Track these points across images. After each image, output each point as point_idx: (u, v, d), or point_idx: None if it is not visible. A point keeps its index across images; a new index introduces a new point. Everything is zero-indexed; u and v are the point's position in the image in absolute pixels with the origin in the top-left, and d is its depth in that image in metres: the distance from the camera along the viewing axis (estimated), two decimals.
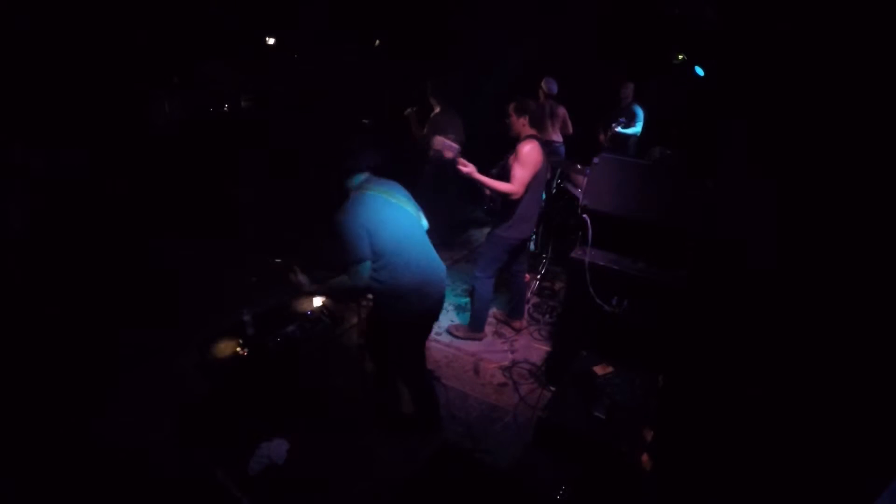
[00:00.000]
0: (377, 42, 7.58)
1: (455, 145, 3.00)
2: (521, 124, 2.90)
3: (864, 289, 1.89)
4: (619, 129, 5.02)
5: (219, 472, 2.40)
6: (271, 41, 6.82)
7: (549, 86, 4.94)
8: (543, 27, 6.26)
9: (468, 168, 2.87)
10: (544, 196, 3.66)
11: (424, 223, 2.44)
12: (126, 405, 2.81)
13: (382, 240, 2.10)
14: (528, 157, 2.80)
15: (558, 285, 4.23)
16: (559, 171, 4.31)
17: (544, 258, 4.29)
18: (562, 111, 5.06)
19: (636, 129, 5.23)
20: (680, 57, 6.38)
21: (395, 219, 2.18)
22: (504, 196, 2.90)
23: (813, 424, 1.97)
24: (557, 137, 5.05)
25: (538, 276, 4.19)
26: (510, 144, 2.95)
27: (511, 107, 2.91)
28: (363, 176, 2.23)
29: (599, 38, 6.24)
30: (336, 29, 6.85)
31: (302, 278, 2.23)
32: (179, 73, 5.84)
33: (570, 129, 5.15)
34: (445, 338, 3.55)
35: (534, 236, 3.51)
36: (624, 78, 5.39)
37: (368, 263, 2.09)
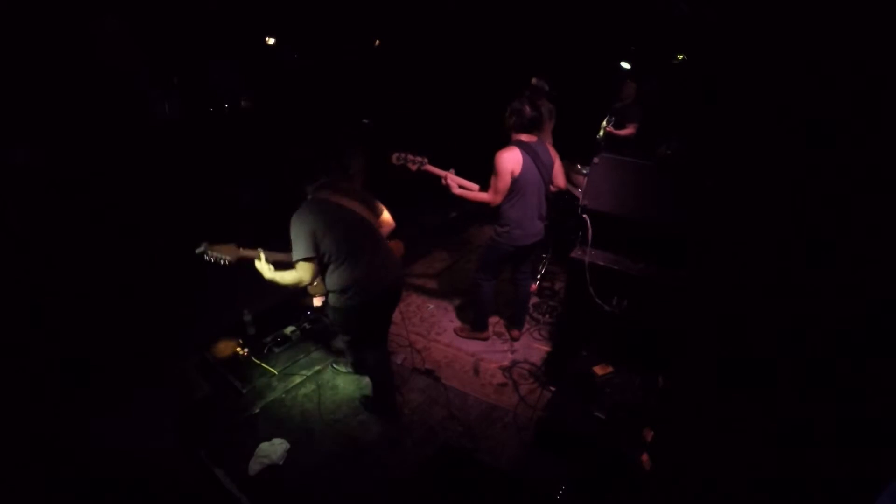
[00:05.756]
0: (377, 42, 7.58)
1: (418, 158, 2.98)
2: (510, 128, 2.85)
3: (864, 289, 1.89)
4: (610, 128, 4.99)
5: (219, 473, 2.40)
6: (271, 41, 6.82)
7: (539, 84, 4.85)
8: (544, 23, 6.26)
9: (447, 182, 2.98)
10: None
11: (387, 219, 2.53)
12: (126, 405, 2.81)
13: (328, 243, 2.19)
14: (500, 165, 2.76)
15: (558, 285, 4.23)
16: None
17: (544, 258, 4.30)
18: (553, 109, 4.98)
19: (632, 129, 5.19)
20: (680, 57, 6.38)
21: (342, 222, 2.25)
22: (485, 205, 2.91)
23: (813, 424, 1.97)
24: (550, 139, 5.00)
25: (538, 277, 4.19)
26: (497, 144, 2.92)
27: (507, 108, 2.85)
28: (322, 180, 2.32)
29: (600, 38, 6.25)
30: (336, 29, 6.85)
31: (264, 257, 2.30)
32: (179, 73, 5.84)
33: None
34: (445, 338, 3.55)
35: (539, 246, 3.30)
36: (625, 78, 5.37)
37: (312, 264, 2.19)
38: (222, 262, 2.24)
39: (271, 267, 2.26)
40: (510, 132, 2.85)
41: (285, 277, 2.23)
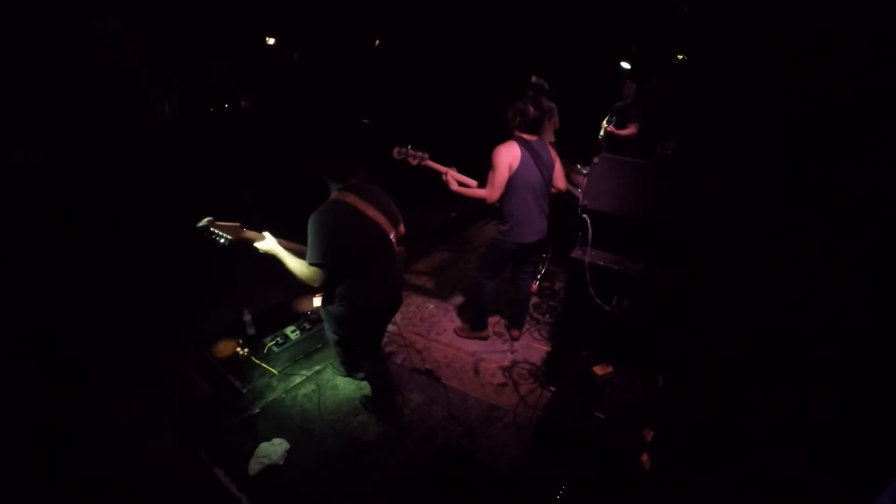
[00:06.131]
0: (377, 42, 7.59)
1: (419, 153, 3.01)
2: (513, 126, 2.86)
3: (865, 289, 1.89)
4: (611, 127, 5.00)
5: (219, 473, 2.40)
6: (271, 41, 6.82)
7: (539, 83, 4.86)
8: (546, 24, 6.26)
9: (446, 178, 2.99)
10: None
11: (401, 230, 2.45)
12: (126, 405, 2.81)
13: (346, 253, 2.12)
14: (497, 159, 2.76)
15: (558, 285, 4.23)
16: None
17: (545, 258, 4.30)
18: (554, 108, 5.00)
19: (633, 129, 5.20)
20: (680, 57, 6.38)
21: (364, 235, 2.18)
22: (481, 201, 2.90)
23: (813, 424, 1.97)
24: (550, 137, 5.02)
25: (538, 277, 4.19)
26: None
27: (510, 108, 2.86)
28: (351, 181, 2.22)
29: (600, 38, 6.25)
30: (336, 29, 6.86)
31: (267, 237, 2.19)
32: (179, 73, 5.84)
33: (557, 124, 5.10)
34: (445, 338, 3.55)
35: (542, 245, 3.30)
36: (625, 78, 5.38)
37: (325, 271, 2.10)
38: (222, 240, 2.12)
39: (277, 243, 2.16)
40: (513, 132, 2.86)
41: (294, 263, 2.12)
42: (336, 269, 2.16)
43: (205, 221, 2.09)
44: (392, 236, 2.33)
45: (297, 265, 2.12)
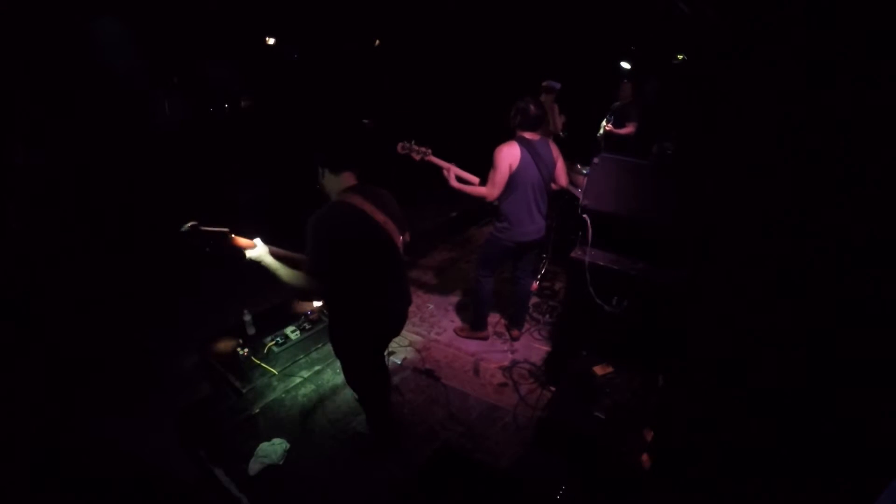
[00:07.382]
0: (377, 42, 7.58)
1: (422, 148, 3.01)
2: (514, 125, 2.87)
3: (866, 291, 1.89)
4: (610, 126, 5.01)
5: (219, 473, 2.40)
6: (271, 41, 6.82)
7: (550, 86, 4.88)
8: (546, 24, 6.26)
9: (447, 174, 2.98)
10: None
11: (407, 237, 2.28)
12: (126, 405, 2.81)
13: (349, 259, 1.94)
14: (498, 158, 2.78)
15: (558, 285, 4.23)
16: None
17: (544, 258, 4.30)
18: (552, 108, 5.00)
19: (631, 128, 5.20)
20: (680, 57, 6.38)
21: (372, 240, 2.02)
22: (482, 198, 2.91)
23: (813, 423, 1.97)
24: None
25: (538, 277, 4.19)
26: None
27: (513, 107, 2.87)
28: (348, 178, 2.05)
29: (600, 38, 6.25)
30: (336, 29, 6.85)
31: (258, 245, 1.95)
32: (179, 73, 5.84)
33: (558, 127, 5.07)
34: (445, 338, 3.55)
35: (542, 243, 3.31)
36: (623, 78, 5.38)
37: (325, 279, 1.92)
38: (207, 248, 1.88)
39: (268, 252, 1.93)
40: (515, 131, 2.87)
41: (287, 273, 1.91)
42: (341, 279, 1.97)
43: (188, 226, 1.82)
44: (399, 243, 2.17)
45: (290, 274, 1.91)
